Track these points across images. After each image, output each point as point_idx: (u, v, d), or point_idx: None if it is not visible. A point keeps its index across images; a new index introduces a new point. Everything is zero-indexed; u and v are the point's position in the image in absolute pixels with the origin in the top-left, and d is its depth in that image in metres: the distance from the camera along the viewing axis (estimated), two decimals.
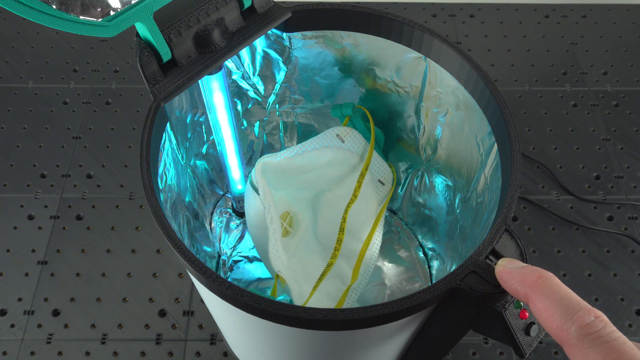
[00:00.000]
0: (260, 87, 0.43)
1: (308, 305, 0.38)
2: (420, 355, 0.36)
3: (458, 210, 0.40)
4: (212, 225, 0.49)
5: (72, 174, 0.55)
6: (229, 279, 0.45)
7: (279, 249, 0.37)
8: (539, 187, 0.56)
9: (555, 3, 0.71)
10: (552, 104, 0.62)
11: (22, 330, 0.46)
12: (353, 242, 0.44)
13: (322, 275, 0.41)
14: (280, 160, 0.40)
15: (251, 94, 0.44)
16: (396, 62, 0.38)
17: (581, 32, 0.69)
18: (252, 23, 0.33)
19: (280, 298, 0.42)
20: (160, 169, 0.32)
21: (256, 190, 0.38)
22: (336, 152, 0.42)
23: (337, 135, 0.42)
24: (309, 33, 0.38)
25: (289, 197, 0.44)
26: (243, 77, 0.43)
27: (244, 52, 0.40)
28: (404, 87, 0.40)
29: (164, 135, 0.32)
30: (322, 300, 0.41)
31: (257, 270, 0.48)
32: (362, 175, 0.43)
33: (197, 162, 0.44)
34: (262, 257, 0.41)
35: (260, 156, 0.50)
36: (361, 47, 0.38)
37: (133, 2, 0.27)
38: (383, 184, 0.44)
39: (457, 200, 0.41)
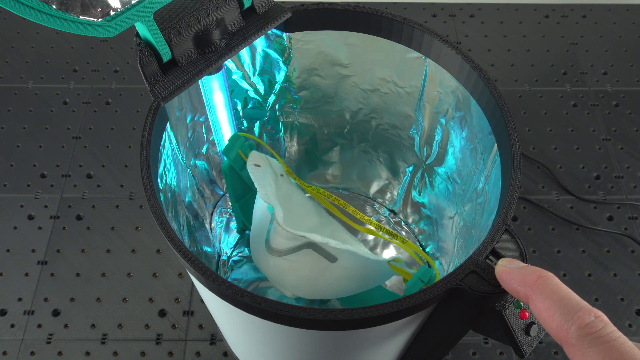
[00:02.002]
0: (260, 87, 0.43)
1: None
2: (420, 355, 0.36)
3: (458, 210, 0.40)
4: (212, 225, 0.49)
5: (72, 174, 0.55)
6: (229, 279, 0.45)
7: (361, 248, 0.38)
8: (539, 187, 0.56)
9: (555, 3, 0.71)
10: (552, 104, 0.62)
11: (22, 330, 0.46)
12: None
13: (399, 240, 0.41)
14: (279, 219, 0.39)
15: (251, 94, 0.44)
16: (396, 62, 0.38)
17: (581, 32, 0.69)
18: (252, 23, 0.33)
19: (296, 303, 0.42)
20: (160, 169, 0.32)
21: (281, 252, 0.38)
22: (264, 176, 0.41)
23: (254, 164, 0.41)
24: (309, 33, 0.38)
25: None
26: (243, 77, 0.43)
27: (244, 52, 0.40)
28: (404, 87, 0.40)
29: (164, 135, 0.32)
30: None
31: (257, 270, 0.48)
32: (289, 173, 0.44)
33: (197, 162, 0.44)
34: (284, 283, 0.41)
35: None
36: (361, 47, 0.38)
37: (133, 2, 0.27)
38: (282, 175, 0.44)
39: (457, 200, 0.41)
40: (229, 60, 0.39)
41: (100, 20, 0.27)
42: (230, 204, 0.50)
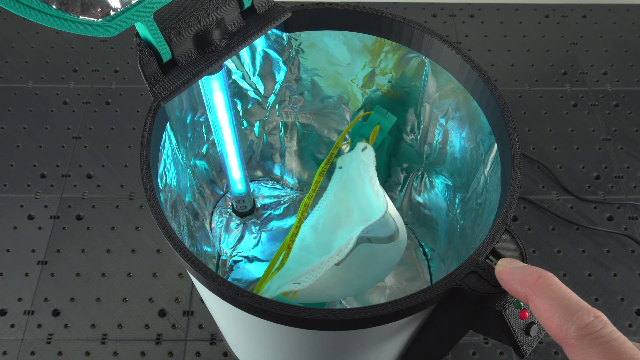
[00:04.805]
0: (260, 87, 0.43)
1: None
2: (420, 355, 0.37)
3: (458, 210, 0.40)
4: (212, 225, 0.49)
5: (72, 174, 0.55)
6: (229, 279, 0.45)
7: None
8: (539, 187, 0.56)
9: (555, 3, 0.71)
10: (552, 104, 0.62)
11: (22, 330, 0.46)
12: None
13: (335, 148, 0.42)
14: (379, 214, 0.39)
15: (251, 94, 0.44)
16: (396, 62, 0.38)
17: (581, 32, 0.69)
18: (252, 23, 0.33)
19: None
20: (160, 169, 0.32)
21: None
22: (303, 263, 0.42)
23: (293, 283, 0.39)
24: (309, 33, 0.38)
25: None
26: (243, 77, 0.43)
27: (244, 52, 0.40)
28: (404, 87, 0.40)
29: (164, 135, 0.32)
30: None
31: (257, 270, 0.48)
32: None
33: (197, 162, 0.44)
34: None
35: (261, 156, 0.51)
36: (361, 47, 0.38)
37: (133, 2, 0.27)
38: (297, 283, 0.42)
39: (457, 200, 0.41)
40: (229, 60, 0.39)
41: (100, 20, 0.27)
42: (230, 204, 0.50)
